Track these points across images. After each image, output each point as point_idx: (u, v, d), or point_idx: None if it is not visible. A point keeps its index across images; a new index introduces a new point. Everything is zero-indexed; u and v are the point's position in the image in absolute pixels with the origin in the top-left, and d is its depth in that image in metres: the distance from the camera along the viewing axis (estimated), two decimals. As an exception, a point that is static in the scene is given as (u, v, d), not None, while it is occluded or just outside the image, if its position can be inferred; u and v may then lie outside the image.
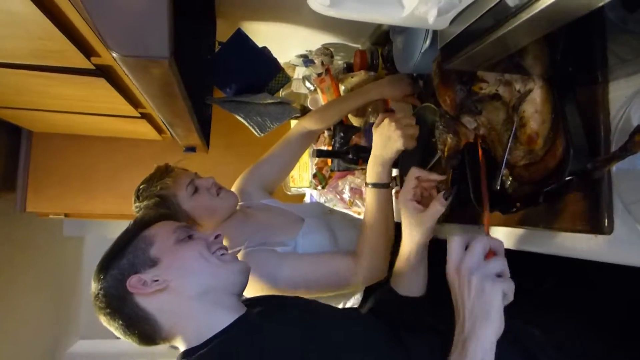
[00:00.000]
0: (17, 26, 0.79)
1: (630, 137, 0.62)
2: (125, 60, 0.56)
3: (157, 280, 0.78)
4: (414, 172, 0.88)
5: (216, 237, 0.88)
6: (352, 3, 0.57)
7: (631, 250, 0.68)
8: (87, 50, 0.93)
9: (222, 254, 0.86)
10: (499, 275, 0.66)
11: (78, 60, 0.94)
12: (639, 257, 0.67)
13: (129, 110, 1.39)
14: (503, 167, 0.76)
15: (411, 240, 0.88)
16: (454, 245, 0.69)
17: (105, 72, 1.05)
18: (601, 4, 0.43)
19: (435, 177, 0.87)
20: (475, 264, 0.66)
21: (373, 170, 1.06)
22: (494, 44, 0.55)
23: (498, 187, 0.78)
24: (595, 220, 0.71)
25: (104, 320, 0.82)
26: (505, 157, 0.74)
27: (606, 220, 0.70)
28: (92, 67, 0.99)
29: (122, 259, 0.81)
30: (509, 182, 0.82)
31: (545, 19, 0.47)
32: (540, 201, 0.76)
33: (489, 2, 0.53)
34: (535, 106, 0.70)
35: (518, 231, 0.90)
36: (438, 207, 0.83)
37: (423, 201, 0.89)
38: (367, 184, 1.08)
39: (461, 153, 0.85)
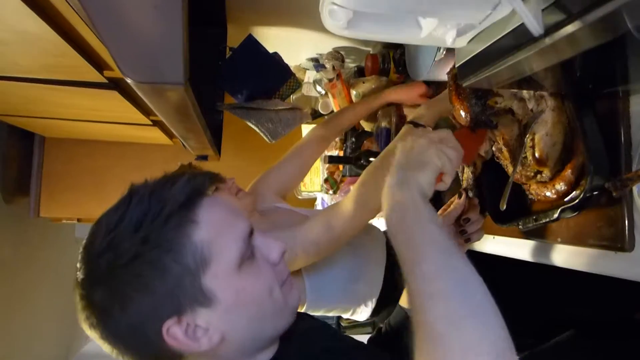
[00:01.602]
0: (31, 44, 0.80)
1: (653, 157, 0.61)
2: (141, 86, 0.56)
3: (206, 329, 0.53)
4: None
5: (279, 253, 0.60)
6: (368, 25, 0.56)
7: (653, 269, 0.67)
8: (100, 65, 0.93)
9: (285, 285, 0.60)
10: None
11: (91, 74, 0.94)
12: (660, 275, 0.66)
13: (141, 118, 1.39)
14: (509, 186, 0.75)
15: None
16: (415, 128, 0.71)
17: (117, 85, 1.06)
18: (628, 29, 0.42)
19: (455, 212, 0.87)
20: (429, 135, 0.67)
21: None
22: (513, 66, 0.54)
23: (504, 207, 0.77)
24: (616, 237, 0.70)
25: (97, 341, 0.56)
26: (513, 176, 0.74)
27: (627, 238, 0.69)
28: (105, 80, 0.99)
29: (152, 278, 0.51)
30: (527, 197, 0.81)
31: (571, 44, 0.46)
32: (558, 217, 0.75)
33: (509, 25, 0.52)
34: (546, 128, 0.69)
35: (536, 244, 0.89)
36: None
37: None
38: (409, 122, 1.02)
39: (480, 179, 0.85)
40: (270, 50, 1.45)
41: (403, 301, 0.88)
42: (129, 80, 0.56)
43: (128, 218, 0.52)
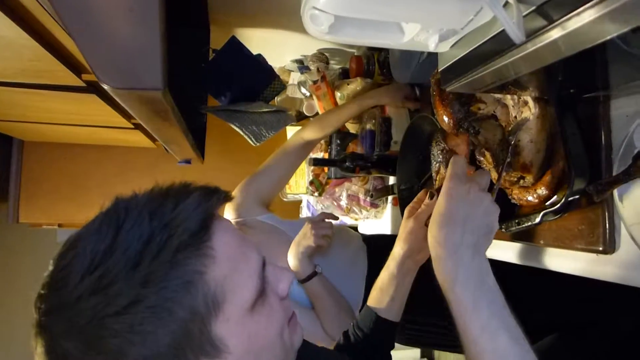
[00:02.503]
0: (5, 49, 0.77)
1: (633, 162, 0.62)
2: (118, 92, 0.54)
3: None
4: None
5: (288, 284, 0.53)
6: (350, 30, 0.55)
7: (632, 271, 0.67)
8: (77, 68, 0.91)
9: (290, 323, 0.53)
10: None
11: (69, 78, 0.92)
12: (640, 277, 0.67)
13: (122, 122, 1.37)
14: (495, 192, 0.75)
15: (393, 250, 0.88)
16: (461, 159, 0.68)
17: (96, 88, 1.03)
18: (610, 37, 0.42)
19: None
20: (485, 185, 0.67)
21: (294, 266, 1.11)
22: (495, 71, 0.54)
23: None
24: (597, 240, 0.71)
25: None
26: (499, 182, 0.74)
27: (608, 240, 0.70)
28: (83, 84, 0.97)
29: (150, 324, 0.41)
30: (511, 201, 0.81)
31: (552, 50, 0.46)
32: (541, 220, 0.75)
33: (491, 30, 0.52)
34: (530, 136, 0.70)
35: (519, 246, 0.90)
36: (407, 222, 0.83)
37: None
38: (299, 282, 1.12)
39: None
40: (254, 52, 1.43)
41: (371, 301, 0.87)
42: (105, 87, 0.54)
43: (121, 248, 0.41)
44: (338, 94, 1.56)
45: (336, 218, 1.28)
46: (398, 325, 0.86)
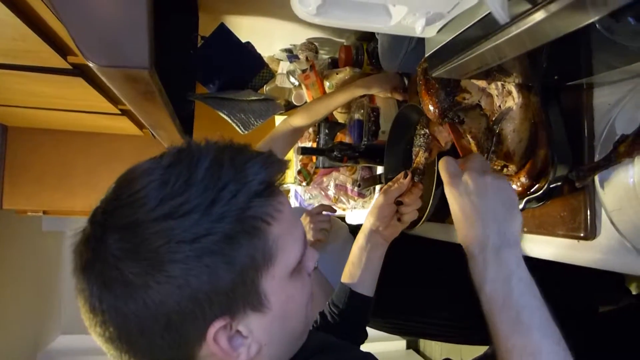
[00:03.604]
0: (-13, 27, 0.76)
1: (614, 148, 0.63)
2: (103, 70, 0.54)
3: (245, 338, 0.45)
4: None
5: (315, 261, 0.55)
6: (338, 12, 0.55)
7: (612, 256, 0.69)
8: (63, 50, 0.90)
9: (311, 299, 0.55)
10: None
11: (54, 60, 0.91)
12: (620, 262, 0.68)
13: (109, 107, 1.35)
14: None
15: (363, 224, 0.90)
16: (447, 160, 0.64)
17: (83, 71, 1.02)
18: (592, 20, 0.43)
19: (399, 184, 0.88)
20: (480, 166, 0.63)
21: None
22: (481, 55, 0.54)
23: None
24: (579, 226, 0.72)
25: (103, 345, 0.45)
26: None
27: (589, 226, 0.71)
28: (69, 66, 0.95)
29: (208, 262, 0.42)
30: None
31: (536, 33, 0.46)
32: (524, 207, 0.77)
33: (477, 14, 0.52)
34: (513, 125, 0.71)
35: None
36: (379, 197, 0.86)
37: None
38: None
39: (429, 167, 0.87)
40: (243, 40, 1.43)
41: (344, 277, 0.89)
42: (91, 64, 0.53)
43: (200, 185, 0.42)
44: (327, 84, 1.56)
45: (334, 211, 1.28)
46: (372, 300, 0.87)
